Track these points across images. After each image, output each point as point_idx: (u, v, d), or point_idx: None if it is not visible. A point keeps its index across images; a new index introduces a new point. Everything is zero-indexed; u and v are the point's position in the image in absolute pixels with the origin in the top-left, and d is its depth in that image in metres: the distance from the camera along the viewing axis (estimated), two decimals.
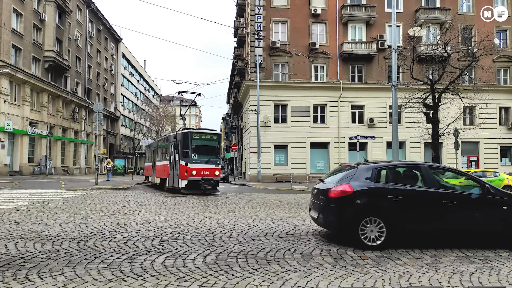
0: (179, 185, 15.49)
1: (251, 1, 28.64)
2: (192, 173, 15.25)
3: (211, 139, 16.45)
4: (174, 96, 78.09)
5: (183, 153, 15.54)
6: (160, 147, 20.30)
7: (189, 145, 15.58)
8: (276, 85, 28.26)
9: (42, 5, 30.29)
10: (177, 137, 16.40)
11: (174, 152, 16.44)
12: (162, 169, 18.42)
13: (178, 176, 15.63)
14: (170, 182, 16.69)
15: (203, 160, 15.75)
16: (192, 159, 15.46)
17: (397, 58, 17.48)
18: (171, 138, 17.39)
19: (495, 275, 4.39)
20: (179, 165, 15.61)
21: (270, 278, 4.15)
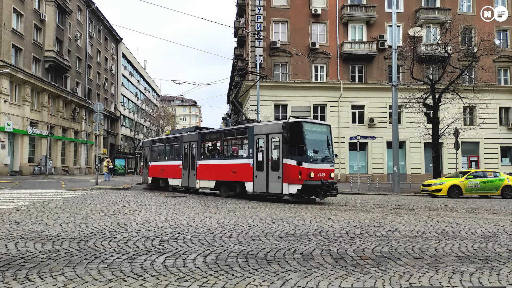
0: (283, 191, 12.16)
1: (251, 1, 28.64)
2: (309, 175, 11.94)
3: (325, 131, 13.27)
4: (174, 96, 78.09)
5: (292, 150, 12.13)
6: (215, 140, 16.16)
7: (304, 138, 12.15)
8: (276, 85, 28.27)
9: (42, 5, 30.30)
10: (278, 128, 12.73)
11: (269, 148, 12.91)
12: (223, 169, 14.73)
13: (281, 180, 12.25)
14: (255, 186, 13.10)
15: (319, 158, 12.58)
16: (309, 158, 12.08)
17: (397, 58, 17.49)
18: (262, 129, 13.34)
19: (495, 275, 4.39)
20: (286, 165, 12.17)
21: (270, 278, 4.15)
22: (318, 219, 8.50)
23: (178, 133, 19.50)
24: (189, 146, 17.01)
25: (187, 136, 17.38)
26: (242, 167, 13.75)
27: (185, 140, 17.37)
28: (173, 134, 19.73)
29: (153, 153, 20.76)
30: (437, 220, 8.61)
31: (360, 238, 6.35)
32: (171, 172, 18.10)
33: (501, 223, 8.21)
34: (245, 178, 13.55)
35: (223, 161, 14.89)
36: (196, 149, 16.40)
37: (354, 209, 10.74)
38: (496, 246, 5.90)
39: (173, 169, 17.92)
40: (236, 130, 14.86)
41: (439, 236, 6.66)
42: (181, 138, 17.71)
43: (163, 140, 19.87)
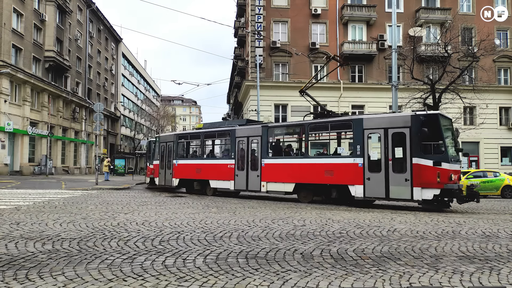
0: (413, 196, 10.34)
1: (251, 1, 28.65)
2: (450, 178, 10.18)
3: (452, 126, 11.87)
4: (174, 96, 78.13)
5: (426, 147, 10.38)
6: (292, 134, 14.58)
7: (442, 134, 10.45)
8: (276, 85, 28.27)
9: (42, 5, 30.31)
10: (403, 122, 10.88)
11: (388, 145, 10.88)
12: (310, 170, 12.39)
13: (409, 183, 10.40)
14: (368, 190, 11.07)
15: (456, 158, 11.09)
16: (448, 157, 10.36)
17: (397, 58, 17.49)
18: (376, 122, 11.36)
19: (495, 275, 4.39)
20: (417, 165, 10.31)
21: (270, 278, 4.15)
22: (318, 219, 8.50)
23: (218, 126, 16.49)
24: (246, 142, 14.28)
25: (242, 130, 14.61)
26: (344, 167, 11.53)
27: (240, 135, 14.56)
28: (215, 128, 16.39)
29: (180, 150, 17.77)
30: (437, 220, 8.61)
31: (360, 238, 6.35)
32: (216, 173, 15.15)
33: (501, 223, 8.21)
34: (349, 181, 11.35)
35: (308, 160, 12.53)
36: (259, 146, 13.80)
37: (354, 209, 10.74)
38: (496, 246, 5.90)
39: (218, 169, 15.05)
40: (333, 124, 12.59)
41: (439, 236, 6.66)
42: (232, 133, 14.79)
43: (198, 135, 16.65)
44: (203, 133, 16.35)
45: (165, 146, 18.05)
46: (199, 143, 16.84)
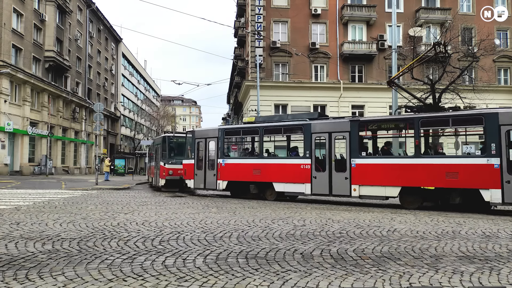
0: None
1: (251, 1, 28.65)
2: None
3: None
4: (174, 96, 78.16)
5: None
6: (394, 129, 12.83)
7: None
8: (276, 85, 28.28)
9: (42, 5, 30.32)
10: None
11: None
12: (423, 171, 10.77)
13: None
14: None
15: None
16: None
17: (397, 58, 17.49)
18: None
19: (495, 275, 4.38)
20: None
21: (270, 278, 4.16)
22: (318, 219, 8.51)
23: (280, 120, 14.43)
24: (328, 139, 12.34)
25: (321, 124, 12.73)
26: (474, 169, 10.05)
27: (318, 130, 12.58)
28: (278, 122, 14.18)
29: (228, 148, 15.84)
30: (437, 220, 8.61)
31: (360, 238, 6.35)
32: (282, 174, 13.06)
33: (501, 223, 8.21)
34: (481, 184, 9.93)
35: (421, 160, 10.82)
36: (347, 143, 12.00)
37: (354, 209, 10.74)
38: (496, 246, 5.90)
39: (287, 170, 12.98)
40: (457, 118, 10.92)
41: (439, 236, 6.66)
42: (306, 127, 12.73)
43: (256, 129, 13.99)
44: (262, 127, 13.74)
45: (204, 143, 15.18)
46: (257, 139, 14.40)
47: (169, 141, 18.02)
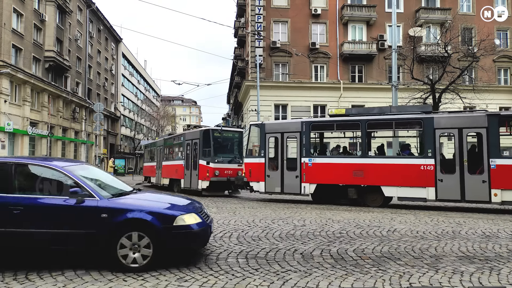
0: None
1: (251, 1, 28.65)
2: None
3: None
4: (174, 96, 78.16)
5: None
6: None
7: None
8: (276, 85, 28.27)
9: (42, 5, 30.31)
10: None
11: None
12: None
13: None
14: None
15: None
16: None
17: (397, 58, 17.49)
18: None
19: (495, 275, 4.39)
20: None
21: (270, 278, 4.16)
22: (318, 219, 8.51)
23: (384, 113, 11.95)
24: (457, 135, 10.55)
25: (448, 119, 11.03)
26: None
27: (444, 126, 10.90)
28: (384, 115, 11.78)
29: (315, 144, 13.52)
30: (437, 220, 8.62)
31: (360, 238, 6.35)
32: (394, 176, 11.04)
33: (501, 223, 8.21)
34: None
35: None
36: (484, 141, 10.30)
37: (354, 209, 10.74)
38: (496, 246, 5.90)
39: (400, 171, 11.04)
40: None
41: (439, 236, 6.67)
42: (426, 122, 10.82)
43: (356, 123, 11.82)
44: (366, 121, 11.61)
45: (280, 139, 12.86)
46: (357, 135, 12.52)
47: (215, 136, 15.36)
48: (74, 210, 4.42)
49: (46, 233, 4.39)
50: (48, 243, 4.42)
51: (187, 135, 16.76)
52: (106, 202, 4.53)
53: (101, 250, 4.43)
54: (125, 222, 4.39)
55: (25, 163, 4.95)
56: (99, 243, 4.36)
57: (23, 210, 4.36)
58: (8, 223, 4.35)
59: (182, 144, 17.27)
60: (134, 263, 4.34)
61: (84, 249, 4.52)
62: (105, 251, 4.38)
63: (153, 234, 4.40)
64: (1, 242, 4.41)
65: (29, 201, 4.45)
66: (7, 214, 4.35)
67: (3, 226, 4.34)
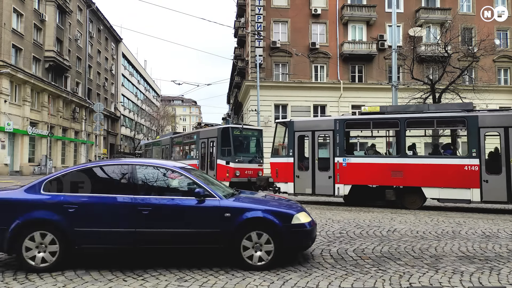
0: None
1: (251, 1, 28.65)
2: None
3: None
4: (174, 96, 78.17)
5: None
6: None
7: None
8: (276, 85, 28.27)
9: (42, 5, 30.31)
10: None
11: None
12: None
13: None
14: None
15: None
16: None
17: (397, 58, 17.48)
18: None
19: (495, 275, 4.39)
20: None
21: (270, 278, 4.16)
22: (318, 219, 8.50)
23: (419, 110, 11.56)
24: (503, 135, 10.22)
25: (493, 118, 10.74)
26: None
27: (488, 124, 10.55)
28: (426, 113, 11.20)
29: (349, 143, 12.83)
30: (437, 220, 8.61)
31: (360, 238, 6.35)
32: (436, 177, 10.55)
33: (501, 223, 8.21)
34: None
35: None
36: None
37: (354, 209, 10.74)
38: (496, 246, 5.90)
39: (442, 171, 10.53)
40: None
41: (439, 236, 6.67)
42: (469, 120, 10.48)
43: (394, 122, 11.28)
44: (405, 119, 10.99)
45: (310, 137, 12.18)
46: (395, 134, 12.00)
47: (234, 135, 14.53)
48: (198, 210, 4.57)
49: (173, 233, 4.53)
50: (174, 242, 4.56)
51: (202, 133, 15.94)
52: (227, 201, 4.69)
53: (224, 248, 4.55)
54: (247, 221, 4.52)
55: (147, 164, 5.06)
56: (223, 242, 4.49)
57: (151, 210, 4.48)
58: (138, 223, 4.46)
59: (196, 142, 16.39)
60: (260, 261, 4.48)
61: (209, 247, 4.64)
62: (228, 250, 4.52)
63: (274, 232, 4.52)
64: (132, 242, 4.49)
65: (156, 202, 4.56)
66: (137, 215, 4.46)
67: (133, 227, 4.45)
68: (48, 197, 4.46)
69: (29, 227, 4.31)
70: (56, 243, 4.31)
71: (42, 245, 4.30)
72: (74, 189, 4.61)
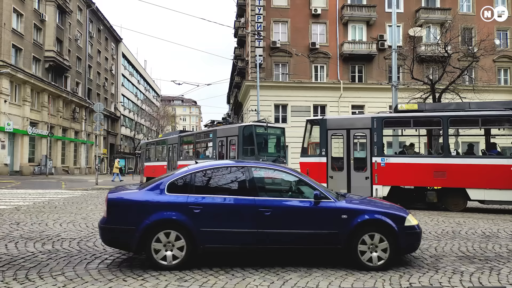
0: None
1: (251, 1, 28.65)
2: None
3: None
4: (174, 96, 78.19)
5: None
6: None
7: None
8: (276, 85, 28.27)
9: (42, 5, 30.32)
10: None
11: None
12: None
13: None
14: None
15: None
16: None
17: (397, 58, 17.48)
18: None
19: (495, 275, 4.39)
20: None
21: (270, 278, 4.16)
22: None
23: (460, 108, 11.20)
24: None
25: None
26: None
27: None
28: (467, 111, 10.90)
29: (386, 142, 12.41)
30: (437, 220, 8.61)
31: None
32: (482, 178, 10.18)
33: (501, 223, 8.21)
34: None
35: None
36: None
37: None
38: (496, 246, 5.90)
39: (488, 172, 10.18)
40: None
41: (439, 236, 6.67)
42: None
43: (436, 119, 10.90)
44: (448, 117, 10.49)
45: (345, 136, 11.57)
46: (437, 133, 11.65)
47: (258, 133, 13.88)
48: (316, 211, 4.66)
49: (292, 233, 4.63)
50: (294, 242, 4.67)
51: (220, 131, 15.13)
52: (342, 203, 4.77)
53: (341, 250, 4.61)
54: (363, 223, 4.60)
55: (261, 166, 5.20)
56: (340, 243, 4.57)
57: (272, 211, 4.59)
58: (259, 224, 4.57)
59: (213, 141, 15.54)
60: (379, 261, 4.54)
61: (326, 248, 4.70)
62: (345, 251, 4.59)
63: (389, 234, 4.58)
64: (254, 242, 4.59)
65: (276, 203, 4.69)
66: (258, 216, 4.57)
67: (256, 227, 4.56)
68: (174, 198, 4.59)
69: (157, 227, 4.45)
70: (183, 243, 4.45)
71: (170, 244, 4.45)
72: (197, 190, 4.73)
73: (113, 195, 4.67)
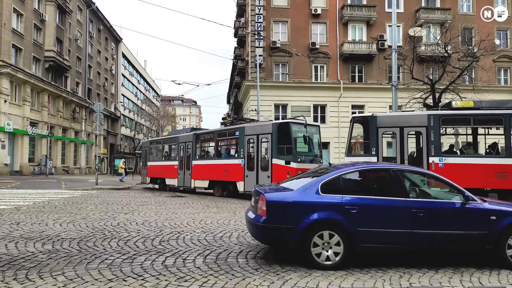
0: None
1: (251, 1, 28.66)
2: None
3: None
4: (174, 96, 78.21)
5: None
6: None
7: None
8: (276, 85, 28.28)
9: (42, 5, 30.32)
10: None
11: None
12: None
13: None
14: None
15: None
16: None
17: (397, 58, 17.48)
18: None
19: (495, 275, 4.39)
20: None
21: (270, 278, 4.16)
22: None
23: None
24: None
25: None
26: None
27: None
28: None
29: (445, 142, 12.23)
30: None
31: None
32: None
33: None
34: None
35: None
36: None
37: None
38: None
39: None
40: None
41: None
42: None
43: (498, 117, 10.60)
44: (508, 115, 10.38)
45: (398, 134, 11.04)
46: (494, 131, 11.43)
47: (295, 131, 13.34)
48: (466, 213, 4.77)
49: (444, 234, 4.74)
50: (445, 243, 4.79)
51: (248, 128, 14.38)
52: (488, 205, 4.87)
53: (490, 250, 4.69)
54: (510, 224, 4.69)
55: (406, 169, 5.45)
56: (490, 244, 4.66)
57: (425, 212, 4.71)
58: (413, 225, 4.69)
59: (240, 139, 14.69)
60: None
61: (476, 249, 4.80)
62: (493, 251, 4.67)
63: None
64: (407, 242, 4.70)
65: (428, 205, 4.83)
66: (412, 217, 4.70)
67: (409, 228, 4.68)
68: (330, 198, 4.74)
69: (316, 227, 4.59)
70: (340, 243, 4.57)
71: (328, 244, 4.58)
72: (349, 191, 4.89)
73: (271, 196, 4.80)
